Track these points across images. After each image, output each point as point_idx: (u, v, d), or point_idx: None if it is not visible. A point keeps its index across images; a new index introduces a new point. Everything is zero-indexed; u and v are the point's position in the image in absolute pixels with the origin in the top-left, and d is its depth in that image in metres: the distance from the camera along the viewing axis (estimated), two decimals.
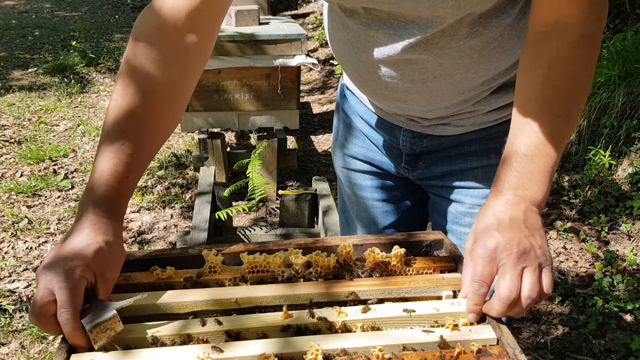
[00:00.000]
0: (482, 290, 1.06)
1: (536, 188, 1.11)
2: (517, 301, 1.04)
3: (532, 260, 1.05)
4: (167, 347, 1.04)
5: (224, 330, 1.06)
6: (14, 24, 9.15)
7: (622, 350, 2.80)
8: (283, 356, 1.00)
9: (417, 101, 1.39)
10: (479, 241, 1.08)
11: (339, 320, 1.08)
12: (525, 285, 1.04)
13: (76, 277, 1.01)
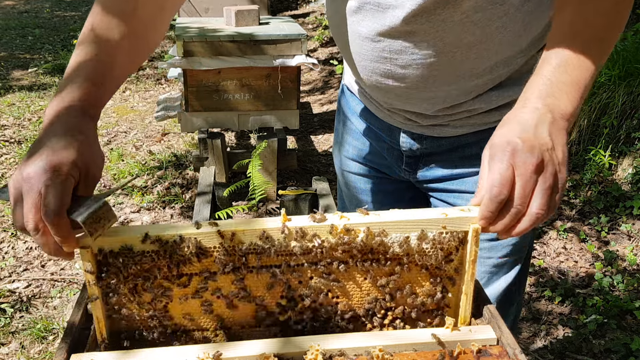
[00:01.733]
0: (500, 197, 0.99)
1: (566, 100, 1.06)
2: (523, 215, 1.01)
3: (548, 176, 1.01)
4: (167, 347, 1.04)
5: (217, 231, 1.02)
6: (14, 24, 9.15)
7: (622, 350, 2.80)
8: (283, 356, 1.00)
9: (416, 83, 1.36)
10: (499, 147, 1.02)
11: (340, 223, 1.03)
12: (535, 201, 1.00)
13: (63, 174, 0.95)
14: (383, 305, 1.11)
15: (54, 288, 3.38)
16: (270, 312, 1.10)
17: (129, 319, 1.08)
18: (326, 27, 8.34)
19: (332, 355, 1.00)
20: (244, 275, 1.06)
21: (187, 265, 1.05)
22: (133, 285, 1.05)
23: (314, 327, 1.10)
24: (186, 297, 1.07)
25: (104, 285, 1.04)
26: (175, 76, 4.39)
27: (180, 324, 1.09)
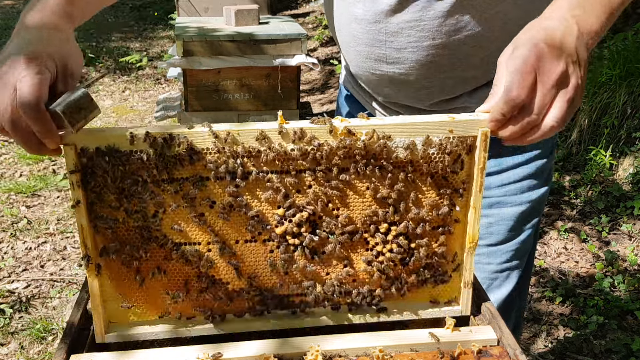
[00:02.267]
0: (518, 100, 0.95)
1: (594, 17, 1.02)
2: (536, 126, 0.98)
3: (570, 89, 0.97)
4: (167, 348, 1.03)
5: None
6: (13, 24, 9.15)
7: (622, 350, 2.80)
8: (283, 356, 0.99)
9: (411, 68, 1.35)
10: (523, 48, 0.97)
11: (341, 125, 0.99)
12: (553, 112, 0.97)
13: (38, 65, 0.90)
14: (387, 219, 1.04)
15: (53, 288, 3.37)
16: (266, 225, 1.03)
17: (115, 229, 1.01)
18: (326, 27, 8.34)
19: (332, 356, 1.00)
20: (239, 183, 0.99)
21: (178, 169, 0.98)
22: (120, 189, 0.98)
23: (312, 247, 1.05)
24: (177, 205, 0.99)
25: (89, 189, 0.98)
26: (175, 76, 4.38)
27: (170, 237, 1.03)
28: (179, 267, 1.05)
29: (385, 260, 1.07)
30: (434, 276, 1.11)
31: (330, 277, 1.08)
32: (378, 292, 1.10)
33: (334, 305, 1.10)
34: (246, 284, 1.07)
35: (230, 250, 1.05)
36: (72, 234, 3.86)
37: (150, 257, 1.04)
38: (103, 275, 1.04)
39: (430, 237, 1.08)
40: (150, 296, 1.07)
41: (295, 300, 1.09)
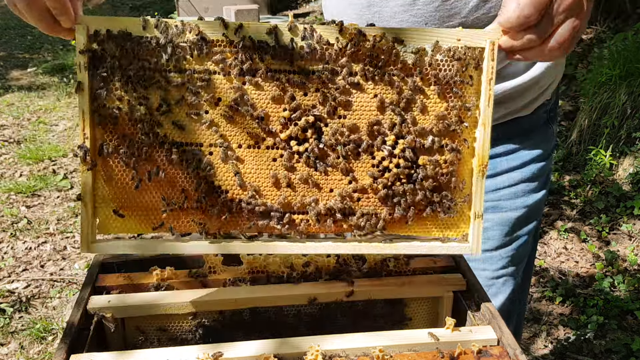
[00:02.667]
0: (530, 18, 0.96)
1: None
2: (538, 45, 0.99)
3: (582, 18, 0.98)
4: (167, 348, 1.03)
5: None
6: (13, 24, 9.14)
7: (622, 350, 2.79)
8: (283, 357, 0.99)
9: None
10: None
11: (351, 26, 1.00)
12: (558, 35, 0.98)
13: None
14: (393, 128, 1.04)
15: (53, 288, 3.37)
16: (271, 128, 1.02)
17: (117, 121, 0.99)
18: None
19: (332, 356, 1.00)
20: (246, 80, 0.99)
21: (186, 59, 0.98)
22: (127, 77, 0.97)
23: (316, 155, 1.04)
24: (182, 98, 0.99)
25: (96, 74, 0.97)
26: None
27: (171, 135, 1.01)
28: (177, 171, 1.02)
29: (391, 176, 1.05)
30: (442, 203, 1.06)
31: (333, 194, 1.05)
32: (383, 215, 1.06)
33: (338, 228, 1.06)
34: (246, 194, 1.04)
35: (232, 155, 1.03)
36: (72, 234, 3.86)
37: (150, 157, 1.01)
38: (98, 177, 1.01)
39: (439, 154, 1.06)
40: (144, 204, 1.04)
41: (296, 220, 1.06)
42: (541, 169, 1.50)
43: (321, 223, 1.06)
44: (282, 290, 1.15)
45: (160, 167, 1.02)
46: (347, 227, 1.07)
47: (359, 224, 1.06)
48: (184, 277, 1.19)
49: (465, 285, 1.18)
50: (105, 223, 1.04)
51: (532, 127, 1.49)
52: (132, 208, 1.04)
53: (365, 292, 1.16)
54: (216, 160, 1.03)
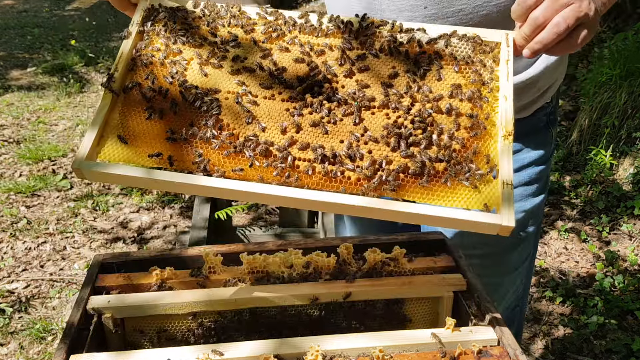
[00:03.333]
0: (529, 2, 1.04)
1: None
2: (542, 28, 1.03)
3: (584, 7, 1.02)
4: (167, 348, 1.03)
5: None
6: (12, 24, 9.14)
7: (623, 350, 2.79)
8: (283, 357, 0.99)
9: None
10: None
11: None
12: (562, 14, 1.02)
13: None
14: (410, 91, 1.07)
15: (53, 288, 3.37)
16: (288, 82, 1.10)
17: (147, 65, 1.13)
18: None
19: (332, 356, 0.99)
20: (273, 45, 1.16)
21: (222, 27, 1.18)
22: (169, 37, 1.15)
23: (327, 109, 1.07)
24: (212, 52, 1.14)
25: (145, 29, 1.16)
26: None
27: (191, 81, 1.12)
28: (191, 110, 1.08)
29: (405, 131, 1.03)
30: (461, 167, 1.00)
31: (343, 144, 1.04)
32: (395, 166, 1.01)
33: (345, 181, 1.01)
34: (252, 130, 1.05)
35: (247, 99, 1.09)
36: (71, 234, 3.86)
37: (168, 95, 1.09)
38: (114, 105, 1.09)
39: (457, 117, 1.06)
40: (149, 133, 1.06)
41: (300, 165, 1.03)
42: (540, 173, 1.48)
43: (326, 172, 1.01)
44: (282, 290, 1.14)
45: (175, 103, 1.08)
46: (354, 179, 1.00)
47: (367, 174, 1.00)
48: (184, 277, 1.19)
49: (465, 285, 1.18)
50: (106, 150, 1.05)
51: (531, 130, 1.47)
52: (137, 138, 1.06)
53: (365, 292, 1.16)
54: (230, 104, 1.08)
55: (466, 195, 0.99)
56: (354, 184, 1.00)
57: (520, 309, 1.63)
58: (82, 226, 3.95)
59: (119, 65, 1.12)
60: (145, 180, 1.01)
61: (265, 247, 1.29)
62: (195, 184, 0.99)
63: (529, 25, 1.05)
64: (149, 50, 1.15)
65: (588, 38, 1.05)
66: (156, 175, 1.00)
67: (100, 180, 1.04)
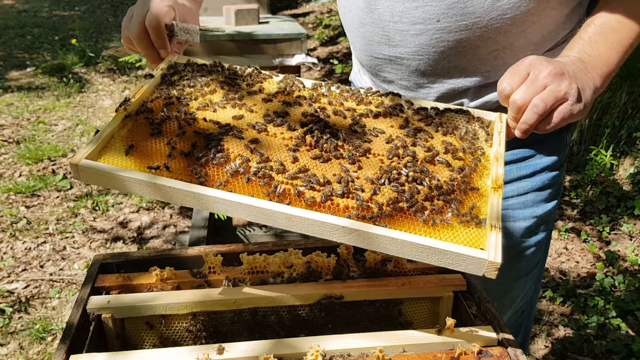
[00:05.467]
0: (505, 92, 1.13)
1: (600, 63, 1.20)
2: (525, 107, 1.10)
3: (564, 87, 1.10)
4: (167, 348, 1.03)
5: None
6: (12, 23, 9.14)
7: (623, 351, 2.79)
8: (283, 357, 0.99)
9: (416, 52, 1.35)
10: (527, 59, 1.14)
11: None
12: (540, 95, 1.09)
13: (170, 5, 1.25)
14: (405, 151, 1.12)
15: (52, 289, 3.37)
16: (289, 127, 1.15)
17: (167, 101, 1.19)
18: (326, 27, 8.34)
19: (332, 356, 0.99)
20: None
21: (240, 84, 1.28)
22: (187, 85, 1.24)
23: (326, 147, 1.10)
24: (225, 98, 1.22)
25: (167, 77, 1.26)
26: None
27: (201, 115, 1.17)
28: (194, 135, 1.11)
29: (396, 173, 1.05)
30: (450, 205, 1.01)
31: (334, 177, 1.04)
32: (385, 197, 1.01)
33: (334, 207, 1.00)
34: (252, 154, 1.07)
35: (248, 134, 1.13)
36: (71, 234, 3.86)
37: (174, 124, 1.13)
38: (124, 127, 1.12)
39: (448, 170, 1.09)
40: (152, 150, 1.08)
41: (289, 190, 1.02)
42: (553, 179, 1.48)
43: (312, 197, 1.00)
44: (282, 290, 1.14)
45: (182, 128, 1.13)
46: (342, 206, 1.00)
47: (355, 204, 0.99)
48: (184, 277, 1.19)
49: (465, 286, 1.18)
50: (107, 157, 1.06)
51: (545, 136, 1.47)
52: (139, 152, 1.07)
53: (365, 292, 1.16)
54: (235, 134, 1.12)
55: (452, 233, 0.98)
56: (341, 212, 0.99)
57: (528, 314, 1.62)
58: (81, 226, 3.95)
59: (137, 94, 1.18)
60: (141, 184, 1.01)
61: (265, 247, 1.29)
62: (192, 191, 1.00)
63: (511, 109, 1.14)
64: (167, 91, 1.22)
65: (571, 114, 1.12)
66: (154, 179, 1.01)
67: (94, 180, 1.03)
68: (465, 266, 0.94)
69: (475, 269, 0.93)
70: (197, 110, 1.18)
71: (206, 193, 0.99)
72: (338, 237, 0.96)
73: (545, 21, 1.29)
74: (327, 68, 7.14)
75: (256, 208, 0.98)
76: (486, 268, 0.93)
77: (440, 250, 0.93)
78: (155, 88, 1.23)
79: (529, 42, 1.31)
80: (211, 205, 1.00)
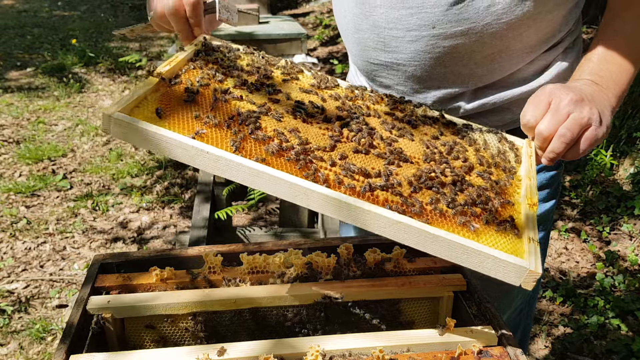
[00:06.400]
0: (529, 125, 1.14)
1: (612, 83, 1.21)
2: (551, 137, 1.11)
3: (585, 113, 1.11)
4: (167, 348, 1.03)
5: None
6: (12, 23, 9.14)
7: (623, 351, 2.79)
8: (283, 357, 0.99)
9: (412, 58, 1.35)
10: (546, 88, 1.15)
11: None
12: (565, 125, 1.10)
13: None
14: (442, 153, 1.14)
15: (52, 289, 3.37)
16: (326, 119, 1.16)
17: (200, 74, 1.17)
18: (326, 27, 8.33)
19: (332, 356, 0.99)
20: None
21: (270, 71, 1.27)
22: (218, 67, 1.22)
23: (364, 143, 1.11)
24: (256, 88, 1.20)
25: (200, 55, 1.24)
26: None
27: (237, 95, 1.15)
28: (230, 109, 1.10)
29: (435, 174, 1.07)
30: (488, 212, 1.01)
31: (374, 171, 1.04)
32: (427, 198, 1.00)
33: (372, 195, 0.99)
34: (289, 135, 1.05)
35: (285, 115, 1.12)
36: (71, 234, 3.86)
37: (209, 96, 1.12)
38: (157, 91, 1.10)
39: (483, 181, 1.11)
40: (184, 116, 1.05)
41: (329, 176, 1.00)
42: (552, 178, 1.48)
43: (356, 188, 0.98)
44: (282, 290, 1.14)
45: (218, 103, 1.11)
46: (382, 199, 0.98)
47: (395, 199, 0.98)
48: (184, 277, 1.19)
49: (465, 286, 1.18)
50: (139, 116, 1.03)
51: None
52: (171, 117, 1.05)
53: (365, 292, 1.15)
54: (270, 117, 1.11)
55: (492, 240, 0.96)
56: (381, 204, 0.97)
57: (526, 313, 1.62)
58: (82, 226, 3.95)
59: (171, 63, 1.16)
60: (172, 144, 0.97)
61: (265, 247, 1.29)
62: (226, 157, 0.95)
63: (537, 140, 1.15)
64: (202, 64, 1.21)
65: (596, 139, 1.14)
66: (186, 141, 0.97)
67: (124, 135, 0.99)
68: (504, 273, 0.92)
69: (513, 277, 0.91)
70: (234, 88, 1.16)
71: (245, 163, 0.95)
72: (377, 227, 0.94)
73: (541, 24, 1.29)
74: (327, 68, 7.13)
75: (300, 187, 0.94)
76: (525, 277, 0.91)
77: (481, 253, 0.91)
78: (189, 62, 1.21)
79: (524, 46, 1.31)
80: (248, 178, 0.95)
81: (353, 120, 1.15)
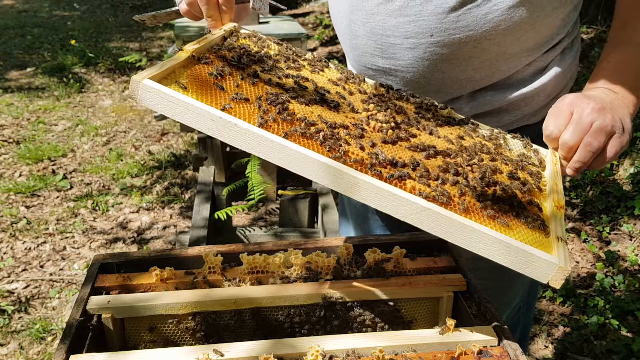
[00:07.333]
0: (552, 135, 1.15)
1: (628, 92, 1.22)
2: (576, 147, 1.12)
3: (608, 121, 1.11)
4: (167, 348, 1.03)
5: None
6: (12, 23, 9.14)
7: (623, 351, 2.79)
8: (283, 357, 0.99)
9: (410, 65, 1.35)
10: (566, 98, 1.15)
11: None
12: (591, 133, 1.10)
13: None
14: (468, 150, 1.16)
15: (52, 289, 3.37)
16: (353, 109, 1.17)
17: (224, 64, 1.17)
18: (326, 27, 8.33)
19: (332, 356, 0.99)
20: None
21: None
22: (240, 61, 1.20)
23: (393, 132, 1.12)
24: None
25: (227, 40, 1.24)
26: None
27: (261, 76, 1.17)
28: (259, 89, 1.11)
29: (462, 168, 1.07)
30: (517, 206, 1.01)
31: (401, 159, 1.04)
32: (456, 190, 1.00)
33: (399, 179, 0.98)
34: (315, 118, 1.05)
35: (312, 103, 1.12)
36: (71, 234, 3.86)
37: (237, 76, 1.13)
38: (185, 66, 1.11)
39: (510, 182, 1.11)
40: (212, 92, 1.06)
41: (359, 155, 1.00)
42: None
43: (383, 175, 0.97)
44: (282, 291, 1.14)
45: (246, 83, 1.12)
46: (409, 187, 0.97)
47: (423, 188, 0.97)
48: (184, 277, 1.19)
49: (465, 286, 1.18)
50: (168, 85, 1.03)
51: (540, 136, 1.48)
52: (198, 90, 1.05)
53: (365, 292, 1.15)
54: (295, 93, 1.13)
55: (521, 235, 0.96)
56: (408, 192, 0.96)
57: (525, 312, 1.62)
58: (81, 226, 3.95)
59: (201, 42, 1.17)
60: (200, 114, 0.98)
61: (265, 247, 1.29)
62: (253, 131, 0.95)
63: (562, 150, 1.15)
64: (232, 46, 1.22)
65: (622, 147, 1.15)
66: (215, 112, 0.97)
67: (151, 101, 0.99)
68: (533, 269, 0.91)
69: (541, 273, 0.91)
70: (262, 72, 1.17)
71: (275, 140, 0.95)
72: (404, 214, 0.93)
73: (539, 28, 1.29)
74: None
75: (339, 171, 0.93)
76: (554, 274, 0.91)
77: (513, 247, 0.91)
78: (216, 45, 1.21)
79: (523, 49, 1.31)
80: (274, 154, 0.95)
81: (380, 113, 1.16)
